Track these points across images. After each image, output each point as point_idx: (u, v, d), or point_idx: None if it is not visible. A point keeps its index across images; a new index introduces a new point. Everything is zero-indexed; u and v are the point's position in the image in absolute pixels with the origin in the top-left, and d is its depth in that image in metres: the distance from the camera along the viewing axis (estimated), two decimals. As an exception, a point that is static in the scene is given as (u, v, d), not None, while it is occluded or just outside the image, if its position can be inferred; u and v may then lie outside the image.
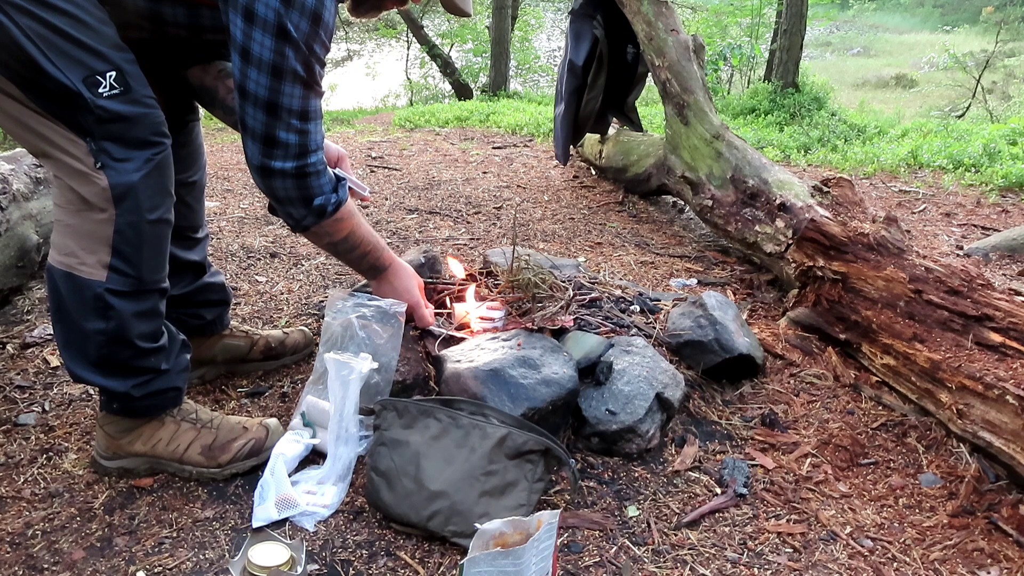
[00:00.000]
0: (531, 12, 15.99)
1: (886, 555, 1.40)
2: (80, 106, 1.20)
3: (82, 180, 1.24)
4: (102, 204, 1.25)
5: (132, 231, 1.28)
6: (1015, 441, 1.52)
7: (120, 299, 1.31)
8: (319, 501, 1.41)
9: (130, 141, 1.25)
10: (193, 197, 1.63)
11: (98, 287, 1.29)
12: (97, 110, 1.20)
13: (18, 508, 1.39)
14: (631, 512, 1.46)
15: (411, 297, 1.72)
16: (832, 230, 2.16)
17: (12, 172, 2.18)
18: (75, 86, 1.18)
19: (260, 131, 1.34)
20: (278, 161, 1.36)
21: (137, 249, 1.30)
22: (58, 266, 1.31)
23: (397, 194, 3.68)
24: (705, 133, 3.01)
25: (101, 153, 1.23)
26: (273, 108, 1.31)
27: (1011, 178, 4.44)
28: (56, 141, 1.24)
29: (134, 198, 1.26)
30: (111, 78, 1.21)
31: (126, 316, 1.32)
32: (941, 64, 13.64)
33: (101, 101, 1.20)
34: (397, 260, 1.71)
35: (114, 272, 1.29)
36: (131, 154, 1.25)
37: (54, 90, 1.18)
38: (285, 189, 1.40)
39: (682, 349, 1.93)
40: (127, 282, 1.31)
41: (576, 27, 3.63)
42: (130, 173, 1.25)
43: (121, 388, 1.38)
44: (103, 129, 1.22)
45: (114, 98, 1.22)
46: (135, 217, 1.27)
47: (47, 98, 1.20)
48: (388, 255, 1.67)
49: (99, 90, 1.20)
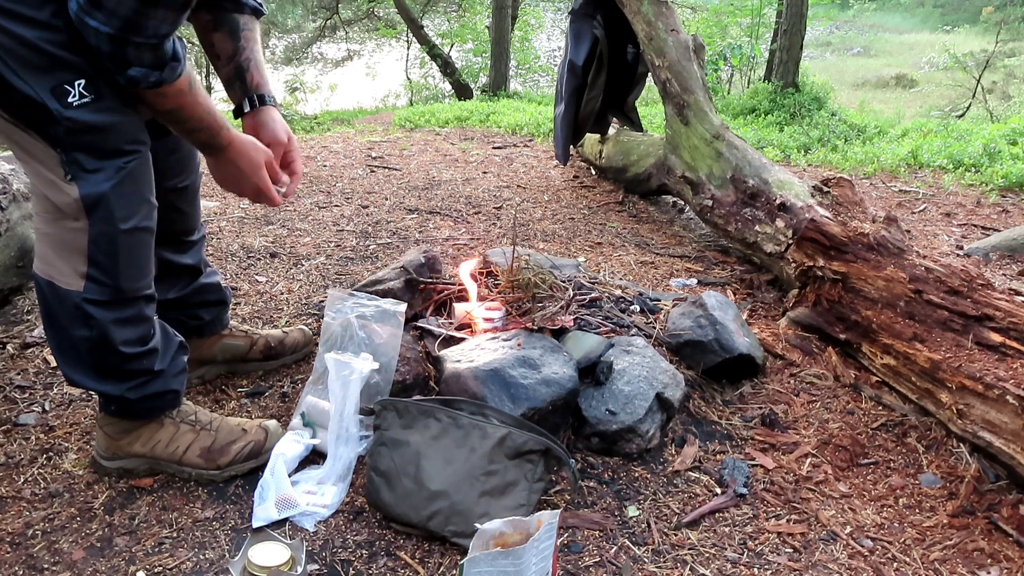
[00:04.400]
0: (531, 12, 15.98)
1: (886, 555, 1.40)
2: (49, 118, 1.16)
3: (54, 190, 1.22)
4: (74, 214, 1.23)
5: (106, 241, 1.25)
6: (1015, 441, 1.52)
7: (99, 308, 1.29)
8: (319, 501, 1.41)
9: (101, 151, 1.22)
10: (185, 202, 1.59)
11: (76, 297, 1.27)
12: (66, 121, 1.16)
13: (18, 508, 1.39)
14: (631, 512, 1.46)
15: (250, 183, 1.44)
16: (832, 230, 2.16)
17: (12, 172, 2.18)
18: (41, 98, 1.14)
19: None
20: (94, 20, 1.13)
21: (112, 259, 1.27)
22: (41, 275, 1.30)
23: (397, 194, 3.68)
24: (705, 133, 3.01)
25: (72, 164, 1.20)
26: None
27: (1011, 178, 4.44)
28: (30, 150, 1.22)
29: (106, 208, 1.23)
30: (80, 86, 1.17)
31: (107, 324, 1.30)
32: (941, 64, 13.63)
33: (70, 112, 1.16)
34: (240, 139, 1.42)
35: (91, 282, 1.27)
36: (102, 164, 1.22)
37: (21, 102, 1.15)
38: (98, 42, 1.16)
39: (682, 349, 1.93)
40: (105, 291, 1.29)
41: (576, 27, 3.63)
42: (101, 183, 1.22)
43: (116, 391, 1.37)
44: (73, 140, 1.19)
45: (84, 107, 1.18)
46: (108, 227, 1.25)
47: (16, 110, 1.17)
48: (227, 135, 1.40)
49: (68, 100, 1.16)
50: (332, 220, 3.14)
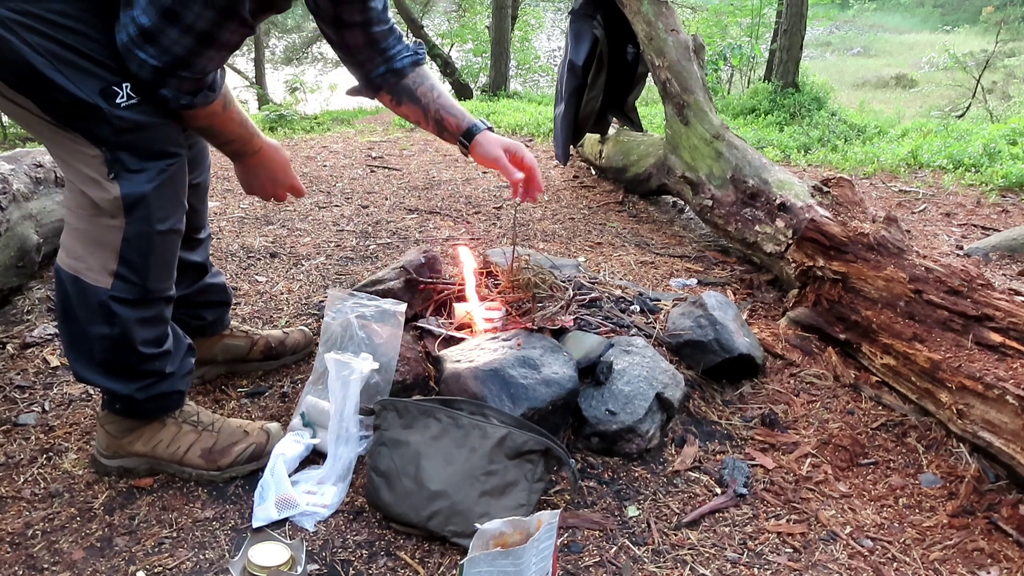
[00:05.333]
0: (531, 12, 15.98)
1: (886, 555, 1.40)
2: (97, 117, 1.19)
3: (95, 187, 1.24)
4: (113, 212, 1.25)
5: (141, 241, 1.28)
6: (1015, 441, 1.52)
7: (124, 307, 1.31)
8: (319, 501, 1.41)
9: (145, 151, 1.25)
10: (197, 199, 1.62)
11: (103, 294, 1.29)
12: (115, 120, 1.20)
13: (18, 508, 1.39)
14: (631, 512, 1.46)
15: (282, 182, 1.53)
16: (832, 230, 2.16)
17: (12, 172, 2.18)
18: (92, 99, 1.18)
19: (145, 23, 1.15)
20: (143, 53, 1.17)
21: (144, 259, 1.30)
22: (66, 268, 1.31)
23: (397, 194, 3.68)
24: (705, 133, 3.01)
25: (115, 163, 1.23)
26: (172, 15, 1.15)
27: (1011, 178, 4.44)
28: (71, 149, 1.24)
29: (145, 208, 1.26)
30: (127, 88, 1.20)
31: (130, 323, 1.32)
32: (941, 64, 13.63)
33: (119, 111, 1.20)
34: (268, 143, 1.50)
35: (119, 280, 1.29)
36: (145, 165, 1.25)
37: (69, 104, 1.18)
38: (140, 70, 1.20)
39: (682, 349, 1.93)
40: (132, 290, 1.31)
41: (576, 27, 3.63)
42: (143, 184, 1.25)
43: (125, 391, 1.38)
44: (119, 139, 1.22)
45: (132, 108, 1.21)
46: (145, 227, 1.27)
47: (63, 111, 1.20)
48: (258, 142, 1.47)
49: (116, 100, 1.20)
50: (332, 220, 3.14)
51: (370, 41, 1.49)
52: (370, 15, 1.45)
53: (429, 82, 1.58)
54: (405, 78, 1.55)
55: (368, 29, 1.47)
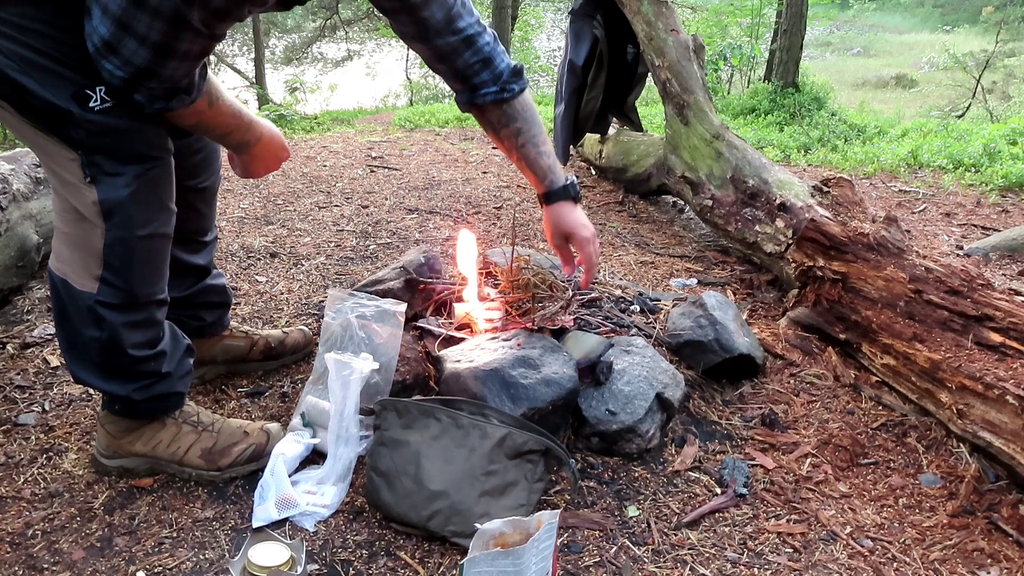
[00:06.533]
0: (531, 12, 15.99)
1: (886, 555, 1.40)
2: (71, 121, 1.17)
3: (74, 191, 1.23)
4: (92, 217, 1.24)
5: (121, 246, 1.26)
6: (1015, 441, 1.52)
7: (111, 311, 1.30)
8: (319, 501, 1.41)
9: (123, 155, 1.23)
10: (203, 202, 1.60)
11: (89, 299, 1.28)
12: (86, 124, 1.17)
13: (18, 508, 1.39)
14: (631, 512, 1.46)
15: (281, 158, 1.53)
16: (832, 230, 2.16)
17: (12, 172, 2.18)
18: (64, 103, 1.16)
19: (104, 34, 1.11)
20: (109, 64, 1.14)
21: (127, 263, 1.28)
22: (56, 272, 1.31)
23: (397, 194, 3.68)
24: (705, 133, 3.01)
25: (91, 166, 1.21)
26: (124, 26, 1.10)
27: (1011, 178, 4.44)
28: (51, 152, 1.23)
29: (123, 214, 1.24)
30: (101, 92, 1.18)
31: (118, 327, 1.31)
32: (941, 64, 13.64)
33: (91, 115, 1.17)
34: (269, 129, 1.49)
35: (105, 284, 1.28)
36: (122, 168, 1.22)
37: (43, 108, 1.16)
38: (111, 79, 1.17)
39: (682, 349, 1.93)
40: (118, 295, 1.29)
41: (576, 27, 3.63)
42: (119, 188, 1.22)
43: (122, 392, 1.38)
44: (94, 142, 1.20)
45: (106, 112, 1.18)
46: (124, 233, 1.25)
47: (37, 115, 1.18)
48: (257, 131, 1.45)
49: (90, 104, 1.17)
50: (332, 220, 3.14)
51: (439, 56, 1.45)
52: (425, 26, 1.38)
53: (515, 125, 1.53)
54: (489, 114, 1.52)
55: (430, 42, 1.42)
